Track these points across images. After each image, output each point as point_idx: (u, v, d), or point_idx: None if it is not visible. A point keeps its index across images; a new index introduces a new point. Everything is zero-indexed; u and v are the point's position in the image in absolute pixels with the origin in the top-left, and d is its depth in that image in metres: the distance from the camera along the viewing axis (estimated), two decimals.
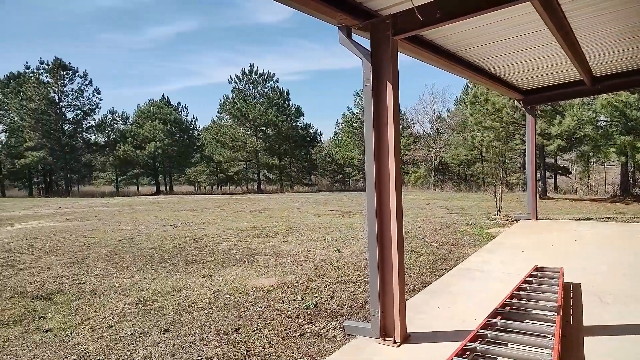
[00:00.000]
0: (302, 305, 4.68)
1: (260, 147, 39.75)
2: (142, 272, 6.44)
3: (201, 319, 4.33)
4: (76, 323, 4.36)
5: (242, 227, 11.39)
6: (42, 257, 7.83)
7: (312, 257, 7.15)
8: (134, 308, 4.76)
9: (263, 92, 40.18)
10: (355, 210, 15.69)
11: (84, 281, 6.01)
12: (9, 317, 4.61)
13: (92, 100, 40.29)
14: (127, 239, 9.77)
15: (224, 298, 4.99)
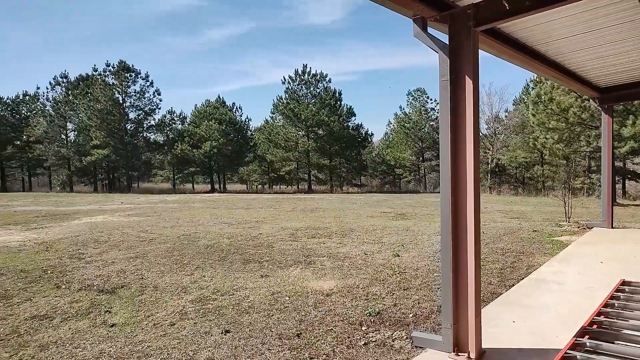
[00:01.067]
0: (364, 311, 4.49)
1: (312, 147, 39.89)
2: (201, 269, 6.49)
3: (262, 321, 4.24)
4: (140, 319, 4.39)
5: (296, 226, 11.34)
6: (107, 251, 8.11)
7: (370, 260, 6.93)
8: (194, 306, 4.75)
9: (315, 93, 40.29)
10: (410, 212, 15.27)
11: (146, 276, 6.12)
12: (78, 309, 4.73)
13: (152, 101, 42.10)
14: (186, 235, 9.97)
15: (283, 300, 4.89)
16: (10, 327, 4.22)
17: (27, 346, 3.75)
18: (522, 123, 33.45)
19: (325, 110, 38.97)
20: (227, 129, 43.11)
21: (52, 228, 11.71)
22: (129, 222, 12.71)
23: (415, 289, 5.32)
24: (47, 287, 5.69)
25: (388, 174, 49.47)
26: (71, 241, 9.35)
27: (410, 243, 8.52)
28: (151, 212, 16.25)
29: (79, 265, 6.99)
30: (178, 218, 13.85)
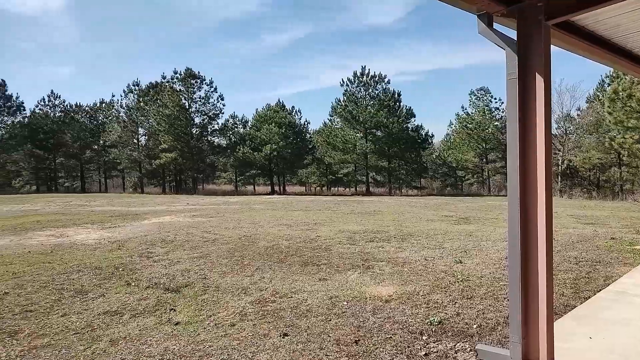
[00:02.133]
0: (425, 320, 4.34)
1: (370, 149, 39.59)
2: (260, 271, 6.60)
3: (319, 326, 4.21)
4: (202, 318, 4.52)
5: (353, 229, 11.27)
6: (173, 251, 8.47)
7: (431, 266, 6.72)
8: (254, 308, 4.82)
9: (374, 94, 39.97)
10: (473, 216, 14.69)
11: (208, 276, 6.31)
12: (145, 307, 4.96)
13: (216, 106, 43.70)
14: (246, 236, 10.20)
15: (341, 305, 4.84)
16: (85, 321, 4.50)
17: (99, 340, 3.98)
18: (597, 122, 31.21)
19: (384, 112, 38.55)
20: (286, 132, 43.84)
21: (124, 227, 12.44)
22: (194, 223, 13.22)
23: (479, 298, 5.07)
24: (119, 284, 6.02)
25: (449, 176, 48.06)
26: (141, 240, 9.87)
27: (474, 249, 8.17)
28: (214, 213, 16.82)
29: (148, 263, 7.35)
30: (239, 219, 14.23)
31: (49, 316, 4.68)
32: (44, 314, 4.76)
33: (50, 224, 13.56)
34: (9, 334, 4.16)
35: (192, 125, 43.26)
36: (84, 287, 5.87)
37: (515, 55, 3.17)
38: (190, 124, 42.82)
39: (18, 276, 6.53)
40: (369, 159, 40.74)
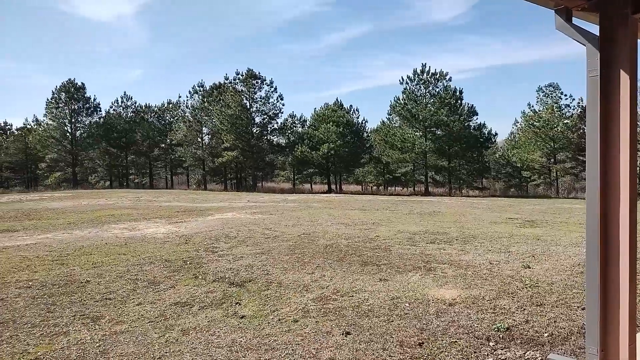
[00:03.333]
0: (491, 325, 4.20)
1: (429, 149, 38.75)
2: (321, 269, 6.68)
3: (382, 326, 4.21)
4: (266, 313, 4.66)
5: (413, 230, 11.10)
6: (236, 246, 8.77)
7: (496, 271, 6.49)
8: (316, 305, 4.89)
9: (434, 92, 39.06)
10: (540, 220, 13.98)
11: (270, 272, 6.48)
12: (212, 299, 5.18)
13: (276, 106, 44.63)
14: (306, 234, 10.35)
15: (403, 306, 4.80)
16: (158, 310, 4.78)
17: (171, 329, 4.21)
18: None
19: (444, 110, 37.57)
20: (344, 131, 43.94)
21: (190, 222, 13.03)
22: (255, 220, 13.60)
23: (550, 305, 4.83)
24: (187, 276, 6.33)
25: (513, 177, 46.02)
26: (206, 235, 10.30)
27: (543, 254, 7.78)
28: (274, 210, 17.20)
29: (213, 258, 7.66)
30: (298, 217, 14.45)
31: (125, 304, 5.01)
32: (121, 302, 5.11)
33: (123, 218, 14.48)
34: (92, 319, 4.50)
35: (253, 125, 44.47)
36: (155, 278, 6.22)
37: (597, 51, 2.98)
38: (251, 123, 44.05)
39: (97, 266, 7.04)
40: (428, 158, 39.88)
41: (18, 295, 5.40)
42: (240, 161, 44.18)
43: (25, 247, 8.96)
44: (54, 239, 10.03)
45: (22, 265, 7.16)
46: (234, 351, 3.68)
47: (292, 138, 46.51)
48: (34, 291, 5.57)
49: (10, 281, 6.10)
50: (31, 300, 5.17)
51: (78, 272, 6.58)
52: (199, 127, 47.43)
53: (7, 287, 5.77)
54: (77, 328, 4.24)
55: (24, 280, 6.15)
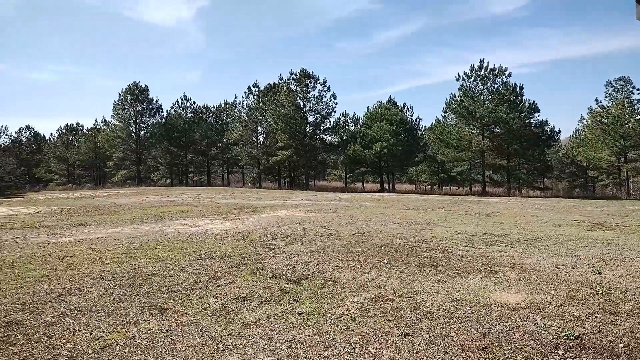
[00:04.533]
0: (560, 333, 3.99)
1: (487, 147, 37.37)
2: (377, 268, 6.63)
3: (442, 329, 4.11)
4: (323, 311, 4.68)
5: (471, 231, 10.76)
6: (292, 244, 8.89)
7: (563, 275, 6.15)
8: (373, 305, 4.87)
9: (492, 88, 37.61)
10: (609, 222, 13.10)
11: (326, 270, 6.52)
12: (271, 295, 5.28)
13: (329, 105, 44.82)
14: (360, 233, 10.32)
15: (463, 309, 4.67)
16: (220, 304, 4.94)
17: (233, 323, 4.34)
18: None
19: (503, 107, 36.08)
20: (397, 129, 43.36)
21: (246, 220, 13.37)
22: (309, 218, 13.73)
23: (625, 314, 4.52)
24: (246, 272, 6.50)
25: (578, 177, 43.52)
26: (262, 232, 10.53)
27: (615, 259, 7.29)
28: (327, 208, 17.28)
29: (270, 254, 7.81)
30: (351, 216, 14.43)
31: (189, 297, 5.23)
32: (185, 294, 5.33)
33: (183, 214, 15.11)
34: (159, 310, 4.73)
35: (306, 124, 44.91)
36: (216, 273, 6.44)
37: None
38: (304, 122, 44.51)
39: (162, 260, 7.39)
40: (485, 157, 38.52)
41: (92, 285, 5.78)
42: (293, 160, 44.79)
43: (96, 241, 9.57)
44: (122, 233, 10.64)
45: (94, 257, 7.65)
46: (293, 347, 3.73)
47: (344, 137, 46.53)
48: (106, 282, 5.94)
49: (85, 272, 6.54)
50: (104, 290, 5.51)
51: (145, 265, 6.94)
52: (254, 126, 48.56)
53: (83, 278, 6.19)
54: (146, 318, 4.48)
55: (97, 271, 6.57)
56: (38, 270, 6.69)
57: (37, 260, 7.42)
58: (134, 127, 53.18)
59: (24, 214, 16.19)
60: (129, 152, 53.66)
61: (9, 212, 17.01)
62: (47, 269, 6.78)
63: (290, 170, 49.95)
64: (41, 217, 15.08)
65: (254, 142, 49.08)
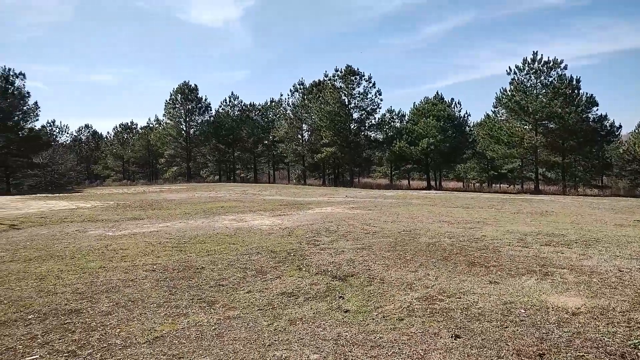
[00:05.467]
0: (626, 341, 3.71)
1: (540, 143, 35.75)
2: (424, 267, 6.46)
3: (495, 332, 3.93)
4: (370, 309, 4.61)
5: (524, 231, 10.30)
6: (337, 240, 8.85)
7: (627, 279, 5.74)
8: (421, 304, 4.73)
9: (546, 82, 35.88)
10: None
11: (372, 268, 6.42)
12: (317, 292, 5.26)
13: (374, 101, 44.42)
14: (406, 231, 10.12)
15: (518, 312, 4.44)
16: (267, 299, 4.97)
17: (279, 318, 4.35)
18: None
19: (558, 101, 34.35)
20: (444, 126, 42.35)
21: (292, 216, 13.46)
22: (354, 215, 13.64)
23: None
24: (291, 267, 6.52)
25: None
26: (307, 228, 10.55)
27: None
28: (372, 206, 17.12)
29: (315, 251, 7.81)
30: (397, 213, 14.21)
31: (237, 291, 5.30)
32: (233, 289, 5.41)
33: (231, 210, 15.43)
34: (208, 303, 4.82)
35: (351, 121, 44.74)
36: (263, 268, 6.50)
37: None
38: (349, 119, 44.35)
39: (210, 254, 7.55)
40: (538, 154, 36.87)
41: (145, 277, 5.98)
42: (338, 157, 44.75)
43: (149, 234, 9.94)
44: (173, 228, 11.00)
45: (147, 250, 7.94)
46: (340, 345, 3.68)
47: (389, 133, 45.97)
48: (158, 274, 6.14)
49: (138, 264, 6.79)
50: (156, 283, 5.69)
51: (194, 259, 7.12)
52: (299, 123, 48.92)
53: (136, 270, 6.43)
54: (195, 311, 4.57)
55: (149, 264, 6.80)
56: (95, 261, 7.02)
57: (94, 252, 7.79)
58: (184, 125, 54.95)
59: (83, 208, 17.10)
60: (180, 150, 55.54)
61: (70, 206, 18.03)
62: (103, 260, 7.10)
63: (335, 167, 49.96)
64: (99, 211, 15.87)
65: (299, 139, 49.46)
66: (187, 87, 54.06)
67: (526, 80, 36.73)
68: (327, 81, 45.79)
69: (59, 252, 7.82)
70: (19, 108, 40.56)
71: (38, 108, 41.84)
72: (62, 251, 7.94)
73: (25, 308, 4.67)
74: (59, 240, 9.20)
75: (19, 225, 11.94)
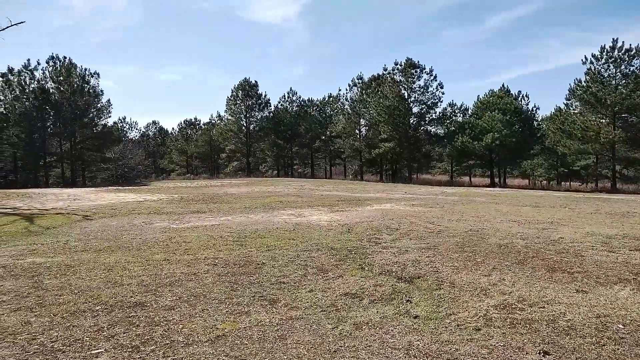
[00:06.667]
0: None
1: (619, 138, 32.95)
2: (498, 271, 5.96)
3: (590, 350, 3.44)
4: (441, 316, 4.24)
5: (606, 233, 9.37)
6: (399, 239, 8.47)
7: None
8: (499, 313, 4.30)
9: (628, 72, 32.98)
10: None
11: (440, 270, 6.01)
12: (382, 294, 4.96)
13: (435, 95, 43.06)
14: (473, 231, 9.54)
15: (615, 328, 3.90)
16: (330, 300, 4.74)
17: (344, 321, 4.09)
18: None
19: None
20: (511, 119, 40.22)
21: (350, 212, 13.18)
22: (415, 212, 13.13)
23: None
24: (353, 266, 6.25)
25: None
26: (367, 225, 10.24)
27: None
28: (433, 203, 16.47)
29: (377, 249, 7.49)
30: (461, 211, 13.53)
31: (298, 289, 5.11)
32: (294, 287, 5.23)
33: (289, 205, 15.41)
34: (269, 302, 4.67)
35: (410, 115, 43.68)
36: (324, 265, 6.29)
37: None
38: (409, 113, 43.31)
39: (270, 249, 7.45)
40: (617, 150, 34.05)
41: (207, 271, 5.96)
42: (396, 152, 43.87)
43: (211, 227, 10.06)
44: (234, 221, 11.09)
45: (209, 243, 7.99)
46: (411, 355, 3.37)
47: (451, 128, 44.39)
48: (219, 269, 6.10)
49: (201, 258, 6.81)
50: (217, 277, 5.64)
51: (255, 254, 7.05)
52: (357, 119, 48.50)
53: (199, 263, 6.44)
54: (257, 309, 4.43)
55: (211, 257, 6.80)
56: (160, 254, 7.13)
57: (159, 245, 7.94)
58: (244, 121, 56.22)
59: (150, 201, 17.81)
60: (240, 145, 56.92)
61: (138, 199, 18.85)
62: (167, 252, 7.21)
63: (393, 163, 49.05)
64: (164, 203, 16.44)
65: (356, 135, 49.04)
66: (248, 84, 55.19)
67: (604, 70, 33.98)
68: (386, 75, 44.98)
69: (126, 244, 8.05)
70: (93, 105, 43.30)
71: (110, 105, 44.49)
72: (129, 242, 8.18)
73: (93, 299, 4.74)
74: (127, 232, 9.53)
75: (92, 216, 12.56)
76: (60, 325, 3.98)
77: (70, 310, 4.38)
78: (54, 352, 3.40)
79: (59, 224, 11.18)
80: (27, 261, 6.69)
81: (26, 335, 3.73)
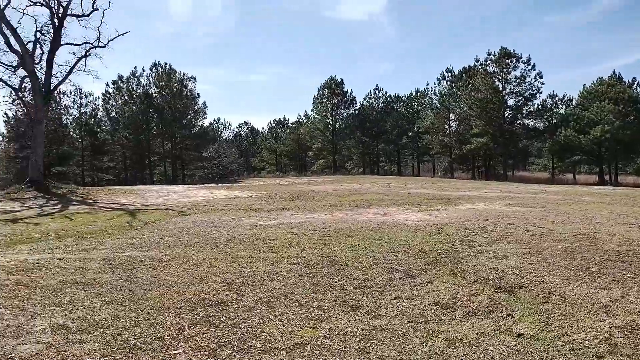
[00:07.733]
0: None
1: None
2: (619, 284, 5.09)
3: None
4: (551, 336, 3.63)
5: None
6: (496, 242, 7.72)
7: None
8: (626, 337, 3.58)
9: None
10: None
11: (546, 280, 5.28)
12: (477, 305, 4.42)
13: (533, 85, 39.90)
14: (583, 235, 8.44)
15: None
16: (418, 309, 4.31)
17: (434, 336, 3.66)
18: None
19: None
20: (624, 110, 35.94)
21: (439, 211, 12.45)
22: (512, 212, 12.05)
23: None
24: (444, 272, 5.74)
25: None
26: (459, 227, 9.53)
27: None
28: (533, 202, 15.06)
29: (470, 253, 6.87)
30: (567, 212, 12.15)
31: (383, 295, 4.75)
32: (379, 292, 4.87)
33: (375, 203, 15.01)
34: (352, 308, 4.36)
35: (505, 108, 40.88)
36: (411, 269, 5.85)
37: None
38: (503, 106, 40.57)
39: (354, 249, 7.15)
40: None
41: (289, 271, 5.82)
42: (489, 148, 41.33)
43: (296, 225, 10.02)
44: (318, 219, 10.97)
45: (292, 241, 7.90)
46: None
47: (552, 121, 40.80)
48: (302, 268, 5.93)
49: (284, 256, 6.71)
50: (299, 278, 5.46)
51: (338, 254, 6.80)
52: (446, 113, 46.55)
53: (281, 262, 6.33)
54: (338, 315, 4.15)
55: (294, 256, 6.67)
56: (245, 251, 7.16)
57: (245, 241, 8.02)
58: (330, 119, 56.64)
59: (240, 197, 18.45)
60: (326, 143, 57.46)
61: (229, 196, 19.64)
62: (252, 250, 7.22)
63: (486, 159, 46.29)
64: (253, 200, 16.91)
65: (445, 130, 47.05)
66: (334, 82, 55.47)
67: None
68: (477, 66, 42.57)
69: (215, 240, 8.24)
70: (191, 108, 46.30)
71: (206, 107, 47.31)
72: (217, 239, 8.37)
73: (178, 295, 4.79)
74: (217, 228, 9.81)
75: (187, 212, 13.23)
76: (145, 321, 4.02)
77: (156, 306, 4.44)
78: (135, 350, 3.40)
79: (157, 219, 11.89)
80: (124, 254, 7.07)
81: (113, 330, 3.81)
